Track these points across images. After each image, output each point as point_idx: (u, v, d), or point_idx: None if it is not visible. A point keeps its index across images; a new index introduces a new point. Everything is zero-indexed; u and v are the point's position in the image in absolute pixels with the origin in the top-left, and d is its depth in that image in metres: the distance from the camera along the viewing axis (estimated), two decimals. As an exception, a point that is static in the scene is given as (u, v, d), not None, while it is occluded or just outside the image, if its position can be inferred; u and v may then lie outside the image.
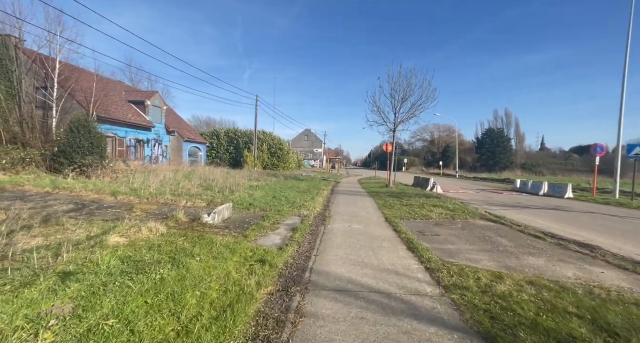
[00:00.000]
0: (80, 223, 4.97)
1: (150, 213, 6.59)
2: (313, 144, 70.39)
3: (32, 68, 17.01)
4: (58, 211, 6.05)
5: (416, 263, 4.30)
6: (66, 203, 6.79)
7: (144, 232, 4.60)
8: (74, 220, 5.24)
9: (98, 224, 5.00)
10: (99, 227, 4.78)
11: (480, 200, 13.19)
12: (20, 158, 12.14)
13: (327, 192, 14.48)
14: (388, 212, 8.90)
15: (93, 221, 5.37)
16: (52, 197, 7.43)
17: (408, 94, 15.46)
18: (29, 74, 17.15)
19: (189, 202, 8.15)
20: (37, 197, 7.38)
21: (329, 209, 9.22)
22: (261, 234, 5.59)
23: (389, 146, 19.39)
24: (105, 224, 4.98)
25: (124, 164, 17.15)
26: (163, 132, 26.09)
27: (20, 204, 6.42)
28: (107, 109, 19.84)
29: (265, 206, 8.47)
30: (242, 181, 15.10)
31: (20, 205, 6.36)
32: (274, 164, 33.09)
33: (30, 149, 13.93)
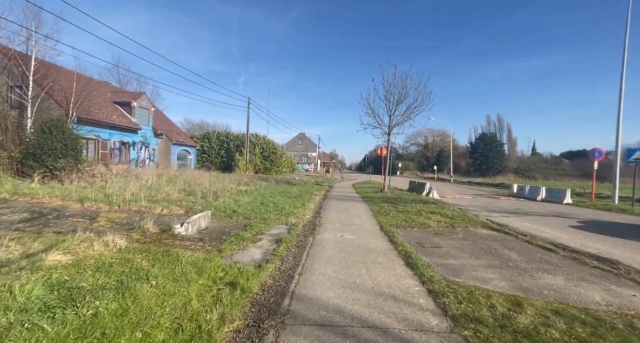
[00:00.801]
0: (23, 236, 4.22)
1: (117, 222, 5.85)
2: (307, 147, 69.83)
3: (7, 66, 16.08)
4: (4, 221, 5.26)
5: (417, 284, 3.67)
6: (20, 212, 6.00)
7: (96, 248, 3.88)
8: (19, 232, 4.48)
9: (46, 238, 4.26)
10: (45, 241, 4.03)
11: (479, 205, 12.69)
12: None
13: (320, 197, 13.83)
14: (383, 219, 8.29)
15: (42, 233, 4.61)
16: (6, 205, 6.62)
17: (403, 96, 15.02)
18: (3, 72, 16.22)
19: (165, 209, 7.41)
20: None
21: (319, 216, 8.56)
22: (239, 247, 4.90)
23: (384, 150, 18.88)
24: (54, 238, 4.24)
25: (105, 168, 16.26)
26: (150, 135, 25.17)
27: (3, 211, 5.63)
28: (89, 109, 18.92)
29: (250, 213, 7.77)
30: (230, 185, 14.36)
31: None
32: (267, 167, 32.32)
33: (3, 151, 13.01)
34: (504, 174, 58.61)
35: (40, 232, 4.71)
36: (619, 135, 13.15)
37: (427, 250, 5.22)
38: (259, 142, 33.49)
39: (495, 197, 16.96)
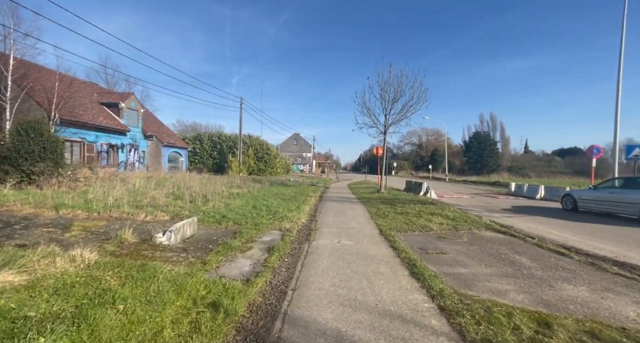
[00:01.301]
0: (-24, 252, 3.68)
1: (93, 231, 5.32)
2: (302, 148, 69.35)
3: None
4: (-36, 233, 4.71)
5: (425, 299, 3.25)
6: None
7: (59, 264, 3.37)
8: (-27, 246, 3.93)
9: (3, 253, 3.72)
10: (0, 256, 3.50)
11: (478, 205, 12.39)
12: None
13: (315, 198, 13.38)
14: (382, 222, 7.88)
15: (1, 247, 4.07)
16: (-29, 213, 6.03)
17: (399, 94, 14.70)
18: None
19: (150, 215, 6.89)
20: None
21: (315, 220, 8.12)
22: (226, 258, 4.42)
23: (379, 149, 18.53)
24: (12, 252, 3.70)
25: (90, 171, 15.57)
26: (140, 136, 24.44)
27: None
28: (73, 110, 18.18)
29: (240, 218, 7.29)
30: (222, 188, 13.82)
31: None
32: (261, 169, 31.76)
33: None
34: (498, 172, 58.99)
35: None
36: (617, 131, 13.00)
37: (432, 257, 4.82)
38: (253, 143, 32.92)
39: (494, 196, 16.73)
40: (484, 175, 54.15)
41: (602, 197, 10.06)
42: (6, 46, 15.23)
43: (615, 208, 9.69)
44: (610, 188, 10.10)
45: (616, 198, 9.60)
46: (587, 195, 10.68)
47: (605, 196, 9.96)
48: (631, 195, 9.15)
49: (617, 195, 9.60)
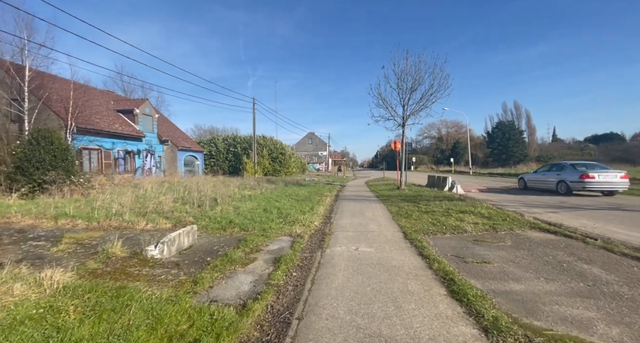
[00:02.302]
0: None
1: (84, 244, 4.83)
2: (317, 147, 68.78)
3: (4, 79, 15.68)
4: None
5: (476, 334, 2.40)
6: (-24, 236, 5.11)
7: (18, 291, 2.81)
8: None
9: None
10: None
11: (513, 200, 11.13)
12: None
13: (331, 198, 12.61)
14: (405, 223, 6.98)
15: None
16: (-33, 227, 5.77)
17: (417, 82, 13.58)
18: (2, 86, 15.85)
19: (151, 223, 6.40)
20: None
21: (330, 222, 7.35)
22: (223, 275, 3.75)
23: (398, 143, 17.43)
24: None
25: (105, 178, 15.63)
26: (155, 142, 24.67)
27: None
28: (90, 118, 18.44)
29: (248, 224, 6.65)
30: (234, 190, 13.37)
31: None
32: (275, 169, 31.37)
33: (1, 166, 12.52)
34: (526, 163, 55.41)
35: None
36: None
37: (472, 268, 3.91)
38: (267, 143, 32.60)
39: (527, 189, 15.23)
40: (510, 167, 51.09)
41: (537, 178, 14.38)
42: (22, 58, 15.59)
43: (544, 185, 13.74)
44: (542, 172, 14.24)
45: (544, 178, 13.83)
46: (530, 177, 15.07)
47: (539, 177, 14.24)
48: (550, 177, 13.39)
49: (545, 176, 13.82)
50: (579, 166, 12.44)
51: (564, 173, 12.60)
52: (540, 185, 13.96)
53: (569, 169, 12.61)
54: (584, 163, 12.92)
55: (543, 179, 13.77)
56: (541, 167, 15.09)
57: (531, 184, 14.60)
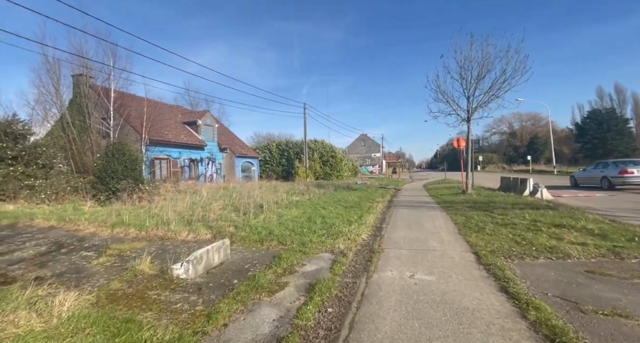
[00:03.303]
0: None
1: (124, 256, 4.81)
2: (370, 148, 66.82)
3: (97, 101, 18.43)
4: (11, 259, 4.68)
5: None
6: (44, 244, 5.56)
7: (22, 320, 2.59)
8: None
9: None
10: None
11: (628, 208, 8.47)
12: (72, 187, 12.42)
13: (383, 204, 11.46)
14: (476, 239, 5.59)
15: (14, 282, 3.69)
16: (42, 234, 6.41)
17: (485, 69, 11.59)
18: (96, 107, 18.66)
19: (192, 233, 6.30)
20: (26, 234, 6.43)
21: (380, 235, 6.34)
22: (245, 307, 3.14)
23: (461, 141, 15.28)
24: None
25: (171, 185, 17.07)
26: (216, 150, 26.49)
27: (30, 241, 5.38)
28: (160, 131, 20.54)
29: (287, 235, 6.07)
30: (283, 196, 13.17)
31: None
32: (327, 173, 31.01)
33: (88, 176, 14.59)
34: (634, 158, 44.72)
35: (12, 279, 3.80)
36: None
37: (598, 324, 2.57)
38: (318, 147, 32.51)
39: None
40: (610, 164, 41.77)
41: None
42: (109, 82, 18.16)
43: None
44: (590, 170, 15.14)
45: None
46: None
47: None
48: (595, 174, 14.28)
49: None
50: (620, 163, 13.68)
51: (607, 170, 13.69)
52: (588, 181, 14.90)
53: (610, 166, 13.77)
54: (625, 160, 14.58)
55: (590, 176, 14.76)
56: (589, 165, 16.41)
57: (580, 181, 15.57)
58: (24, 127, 16.50)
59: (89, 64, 17.99)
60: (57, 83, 18.25)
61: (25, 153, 13.86)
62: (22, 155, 13.69)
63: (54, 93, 18.21)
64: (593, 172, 14.72)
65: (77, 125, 18.19)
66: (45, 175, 13.20)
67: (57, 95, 18.34)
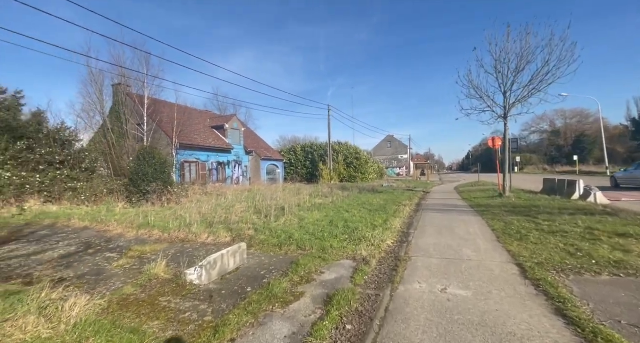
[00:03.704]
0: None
1: (144, 259, 4.81)
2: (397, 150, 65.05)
3: (133, 107, 19.60)
4: (42, 259, 4.85)
5: None
6: (74, 244, 5.77)
7: (30, 326, 2.52)
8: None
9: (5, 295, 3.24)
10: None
11: None
12: (108, 189, 13.17)
13: (411, 208, 10.81)
14: (519, 248, 4.93)
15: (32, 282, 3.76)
16: (76, 234, 6.70)
17: (524, 60, 10.57)
18: (132, 114, 19.86)
19: (212, 235, 6.23)
20: (61, 234, 6.75)
21: (407, 241, 5.85)
22: (255, 320, 2.88)
23: (497, 140, 14.13)
24: (9, 300, 3.13)
25: (199, 187, 17.59)
26: (242, 153, 27.08)
27: (21, 245, 5.67)
28: (190, 136, 21.35)
29: (308, 240, 5.79)
30: (305, 198, 12.97)
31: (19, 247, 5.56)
32: (351, 175, 30.47)
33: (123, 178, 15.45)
34: None
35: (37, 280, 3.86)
36: None
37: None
38: (342, 149, 32.09)
39: None
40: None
41: None
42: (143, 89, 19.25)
43: None
44: (631, 171, 14.96)
45: None
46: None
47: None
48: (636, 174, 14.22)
49: None
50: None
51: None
52: (630, 182, 14.68)
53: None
54: None
55: (632, 177, 14.56)
56: (632, 165, 16.41)
57: (621, 182, 15.33)
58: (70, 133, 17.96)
59: (126, 73, 19.21)
60: (100, 92, 19.69)
61: (70, 158, 14.97)
62: (68, 159, 14.79)
63: (97, 102, 19.67)
64: (634, 173, 14.38)
65: (116, 131, 19.41)
66: (87, 178, 14.16)
67: (100, 104, 19.77)
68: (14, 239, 6.10)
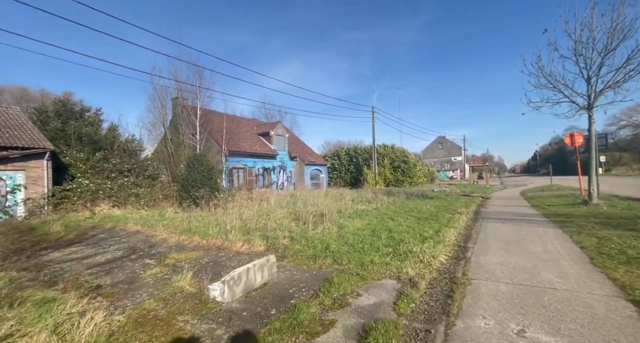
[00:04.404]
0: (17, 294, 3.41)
1: (177, 267, 4.73)
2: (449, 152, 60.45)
3: (188, 118, 21.26)
4: (89, 264, 5.09)
5: None
6: (122, 249, 6.04)
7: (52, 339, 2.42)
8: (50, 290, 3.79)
9: (32, 302, 3.27)
10: (35, 309, 2.99)
11: None
12: (163, 194, 14.24)
13: (467, 216, 9.47)
14: (628, 275, 3.69)
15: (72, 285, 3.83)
16: (127, 238, 7.09)
17: (617, 37, 8.57)
18: (187, 125, 21.56)
19: (247, 244, 6.02)
20: (116, 238, 7.19)
21: (465, 259, 4.89)
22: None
23: (577, 136, 11.82)
24: (36, 309, 3.11)
25: (246, 192, 18.16)
26: (287, 158, 27.55)
27: (80, 247, 6.11)
28: (238, 143, 22.37)
29: (345, 252, 5.20)
30: (347, 204, 12.36)
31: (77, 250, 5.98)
32: (398, 179, 28.85)
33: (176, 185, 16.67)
34: None
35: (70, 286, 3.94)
36: None
37: None
38: (388, 152, 30.67)
39: None
40: None
41: None
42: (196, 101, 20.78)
43: None
44: None
45: None
46: None
47: None
48: None
49: None
50: None
51: None
52: None
53: None
54: None
55: None
56: None
57: None
58: (137, 145, 20.15)
59: (182, 87, 20.95)
60: (162, 106, 21.82)
61: (136, 166, 16.66)
62: (134, 167, 16.48)
63: (160, 115, 21.83)
64: None
65: (175, 140, 21.20)
66: (148, 185, 15.56)
67: (162, 117, 21.90)
68: (77, 242, 6.68)
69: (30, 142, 12.14)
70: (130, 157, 17.81)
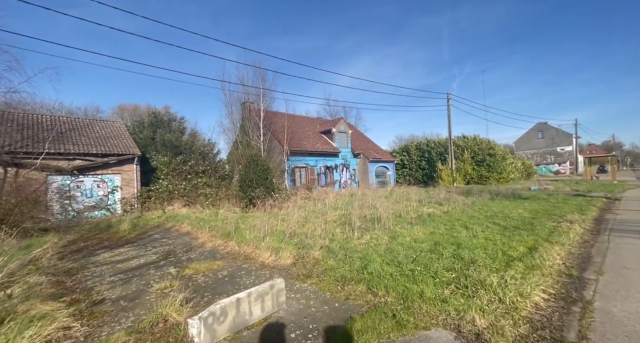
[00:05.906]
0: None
1: (193, 279, 4.30)
2: (553, 141, 49.36)
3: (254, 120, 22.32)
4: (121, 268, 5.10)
5: None
6: (160, 252, 6.04)
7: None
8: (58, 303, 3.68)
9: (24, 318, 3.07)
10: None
11: None
12: (225, 194, 14.98)
13: (583, 226, 6.75)
14: None
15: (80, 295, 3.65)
16: (172, 240, 7.24)
17: None
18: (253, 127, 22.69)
19: (274, 254, 5.26)
20: (164, 239, 7.41)
21: (580, 302, 3.04)
22: None
23: None
24: (19, 326, 2.89)
25: (305, 192, 17.88)
26: (350, 156, 26.48)
27: (128, 249, 6.35)
28: (299, 142, 22.40)
29: (389, 275, 3.92)
30: (412, 206, 10.63)
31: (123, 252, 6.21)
32: (482, 175, 24.54)
33: (238, 184, 17.47)
34: None
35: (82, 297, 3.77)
36: None
37: None
38: (468, 144, 26.44)
39: None
40: None
41: None
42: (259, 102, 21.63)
43: None
44: None
45: None
46: None
47: None
48: None
49: None
50: None
51: None
52: None
53: None
54: None
55: None
56: None
57: None
58: (211, 148, 22.13)
59: (249, 90, 22.06)
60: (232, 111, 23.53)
61: (209, 168, 18.13)
62: (207, 169, 17.95)
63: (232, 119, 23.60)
64: None
65: (244, 142, 22.56)
66: (217, 185, 16.73)
67: (234, 121, 23.62)
68: (132, 242, 7.13)
69: (124, 149, 14.24)
70: (204, 160, 19.55)
